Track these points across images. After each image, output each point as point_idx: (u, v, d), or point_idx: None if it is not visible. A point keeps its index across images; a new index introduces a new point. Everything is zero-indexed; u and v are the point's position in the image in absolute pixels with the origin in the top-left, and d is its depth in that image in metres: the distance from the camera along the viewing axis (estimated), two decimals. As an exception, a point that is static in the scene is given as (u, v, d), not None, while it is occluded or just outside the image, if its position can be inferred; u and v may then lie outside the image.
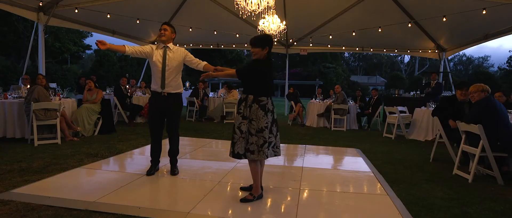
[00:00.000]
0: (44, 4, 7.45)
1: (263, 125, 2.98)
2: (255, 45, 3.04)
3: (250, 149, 2.99)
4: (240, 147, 2.99)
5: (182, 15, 9.95)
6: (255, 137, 2.98)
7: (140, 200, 2.99)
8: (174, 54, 3.71)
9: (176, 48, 3.76)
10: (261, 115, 2.97)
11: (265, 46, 3.02)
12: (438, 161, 5.07)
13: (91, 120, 6.55)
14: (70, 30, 27.68)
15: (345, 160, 5.36)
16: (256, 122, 2.97)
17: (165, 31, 3.70)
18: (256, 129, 2.97)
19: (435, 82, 8.63)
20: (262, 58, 3.04)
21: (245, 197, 3.11)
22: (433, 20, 8.55)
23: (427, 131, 7.28)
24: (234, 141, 3.05)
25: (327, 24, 10.32)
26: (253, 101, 2.98)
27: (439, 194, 3.45)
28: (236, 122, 3.04)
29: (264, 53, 3.03)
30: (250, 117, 2.98)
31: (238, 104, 3.11)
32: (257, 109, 2.97)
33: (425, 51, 11.71)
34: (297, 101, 9.88)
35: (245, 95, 3.03)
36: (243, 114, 3.01)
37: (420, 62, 40.81)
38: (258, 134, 2.97)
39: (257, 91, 3.00)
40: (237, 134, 3.02)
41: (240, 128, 3.00)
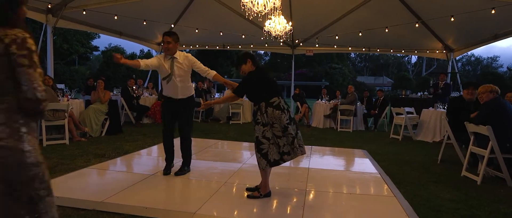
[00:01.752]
0: (52, 6, 7.54)
1: (285, 122, 2.99)
2: (238, 65, 3.26)
3: (284, 151, 3.01)
4: (274, 153, 2.99)
5: (189, 16, 9.99)
6: (285, 138, 2.99)
7: (146, 200, 3.01)
8: (181, 64, 3.73)
9: (183, 57, 3.76)
10: (278, 114, 2.99)
11: (246, 60, 3.20)
12: (446, 162, 5.01)
13: (98, 120, 6.61)
14: (78, 32, 28.00)
15: (351, 161, 5.33)
16: (278, 123, 2.98)
17: (168, 45, 3.66)
18: (281, 129, 2.98)
19: (443, 83, 8.54)
20: (253, 70, 3.20)
21: (252, 194, 3.17)
22: (441, 20, 8.45)
23: (434, 132, 7.20)
24: (264, 152, 3.00)
25: (333, 25, 10.27)
26: (266, 107, 3.01)
27: (447, 196, 3.42)
28: (258, 132, 3.03)
29: (249, 65, 3.20)
30: (270, 121, 3.00)
31: (254, 115, 3.12)
32: (273, 111, 2.99)
33: (432, 52, 11.59)
34: (303, 102, 9.85)
35: (257, 106, 3.09)
36: (262, 122, 3.02)
37: (427, 63, 40.41)
38: (285, 133, 2.98)
39: (266, 97, 3.05)
40: (265, 143, 3.00)
41: (265, 136, 3.00)
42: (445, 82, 8.68)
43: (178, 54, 3.75)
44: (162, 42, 3.75)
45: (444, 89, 8.42)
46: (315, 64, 37.13)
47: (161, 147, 4.09)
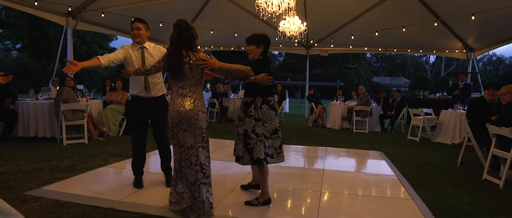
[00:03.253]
0: (72, 9, 7.78)
1: (276, 125, 2.95)
2: (250, 43, 3.01)
3: (268, 153, 2.90)
4: (259, 151, 2.85)
5: (204, 18, 10.09)
6: (271, 140, 2.92)
7: (162, 199, 3.05)
8: (152, 55, 3.32)
9: (154, 48, 3.36)
10: (272, 115, 2.93)
11: (260, 44, 2.99)
12: (466, 165, 4.87)
13: (116, 120, 6.75)
14: (97, 34, 28.74)
15: (367, 162, 5.25)
16: (269, 123, 2.91)
17: (138, 31, 3.26)
18: (270, 130, 2.91)
19: (463, 84, 8.30)
20: (261, 59, 3.00)
21: (250, 201, 3.02)
22: (461, 18, 8.22)
23: (454, 133, 7.00)
24: (249, 147, 2.88)
25: (348, 25, 10.15)
26: (262, 103, 2.91)
27: (468, 200, 3.32)
28: (249, 126, 2.89)
29: (259, 52, 3.00)
30: (263, 119, 2.90)
31: (246, 108, 2.96)
32: (268, 110, 2.92)
33: (452, 51, 11.29)
34: (318, 103, 9.78)
35: (252, 98, 2.93)
36: (255, 116, 2.89)
37: (446, 63, 39.38)
38: (273, 135, 2.92)
39: (265, 92, 2.93)
40: (254, 138, 2.87)
41: (255, 131, 2.87)
42: (465, 83, 8.43)
43: (148, 44, 3.35)
44: (130, 29, 3.29)
45: (464, 90, 8.17)
46: (330, 64, 36.79)
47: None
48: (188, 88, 2.67)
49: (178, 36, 2.63)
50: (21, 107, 5.94)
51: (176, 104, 2.65)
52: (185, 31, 2.63)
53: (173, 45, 2.67)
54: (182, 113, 2.62)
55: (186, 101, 2.64)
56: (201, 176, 2.64)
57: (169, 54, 2.69)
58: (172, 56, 2.65)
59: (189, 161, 2.65)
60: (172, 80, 2.72)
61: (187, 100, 2.65)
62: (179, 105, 2.64)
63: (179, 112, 2.63)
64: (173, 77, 2.69)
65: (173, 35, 2.67)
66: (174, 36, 2.65)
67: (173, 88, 2.72)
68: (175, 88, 2.70)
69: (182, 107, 2.63)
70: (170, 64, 2.67)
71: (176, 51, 2.64)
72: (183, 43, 2.63)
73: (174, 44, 2.65)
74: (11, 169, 3.92)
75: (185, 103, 2.64)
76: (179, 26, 2.66)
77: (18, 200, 2.91)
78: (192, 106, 2.64)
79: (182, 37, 2.63)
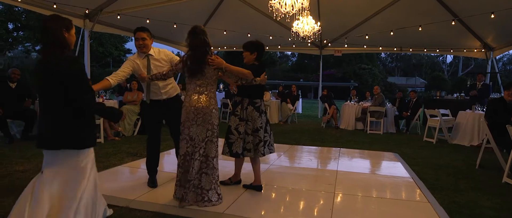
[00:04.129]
0: (89, 11, 7.96)
1: (258, 125, 3.23)
2: (245, 49, 3.31)
3: (247, 147, 3.23)
4: (238, 146, 3.21)
5: (217, 18, 10.16)
6: (251, 137, 3.23)
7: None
8: (158, 60, 3.36)
9: (158, 53, 3.39)
10: (256, 116, 3.23)
11: (254, 51, 3.27)
12: (485, 167, 4.73)
13: (131, 120, 6.87)
14: (112, 35, 29.28)
15: (382, 164, 5.17)
16: (252, 123, 3.22)
17: (144, 41, 3.27)
18: (252, 129, 3.22)
19: (481, 84, 8.07)
20: (256, 64, 3.27)
21: (225, 181, 3.55)
22: (480, 17, 8.00)
23: (472, 135, 6.82)
24: (231, 141, 3.24)
25: (363, 24, 10.02)
26: (248, 104, 3.23)
27: (487, 203, 3.22)
28: (233, 124, 3.24)
29: (252, 58, 3.28)
30: (246, 118, 3.21)
31: (234, 107, 3.35)
32: (253, 111, 3.22)
33: (470, 51, 10.99)
34: (331, 104, 9.69)
35: (241, 98, 3.27)
36: (240, 116, 3.23)
37: (464, 62, 38.37)
38: (254, 133, 3.23)
39: (253, 95, 3.24)
40: (235, 135, 3.22)
41: (238, 129, 3.21)
42: (483, 83, 8.21)
43: (152, 50, 3.36)
44: (135, 40, 3.30)
45: (482, 90, 7.96)
46: (344, 64, 36.38)
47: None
48: (205, 87, 2.94)
49: (204, 41, 2.91)
50: (40, 107, 6.11)
51: (193, 101, 2.90)
52: (206, 37, 2.93)
53: (199, 49, 2.90)
54: (199, 108, 2.88)
55: (202, 98, 2.91)
56: (204, 166, 2.89)
57: (196, 57, 2.90)
58: (200, 60, 2.89)
59: (197, 153, 2.87)
60: (190, 79, 2.96)
61: (204, 97, 2.91)
62: (196, 102, 2.89)
63: (196, 107, 2.88)
64: (193, 77, 2.93)
65: (198, 41, 2.89)
66: (199, 42, 2.90)
67: (190, 86, 2.97)
68: (193, 86, 2.95)
69: (199, 104, 2.88)
70: (195, 67, 2.90)
71: (204, 55, 2.90)
72: (208, 48, 2.93)
73: (200, 48, 2.90)
74: (31, 167, 4.04)
75: (202, 100, 2.90)
76: (203, 32, 2.92)
77: (38, 198, 2.98)
78: (208, 103, 2.91)
79: (207, 42, 2.92)
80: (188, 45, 2.95)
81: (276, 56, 42.91)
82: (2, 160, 4.30)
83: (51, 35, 2.10)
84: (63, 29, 2.14)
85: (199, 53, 2.90)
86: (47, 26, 2.12)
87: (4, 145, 5.34)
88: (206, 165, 2.90)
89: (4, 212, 2.64)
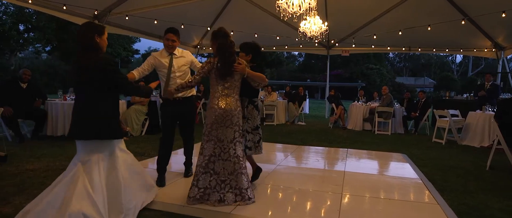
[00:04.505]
0: (98, 12, 8.04)
1: (258, 123, 3.38)
2: (241, 50, 3.39)
3: (248, 146, 3.34)
4: None
5: (224, 19, 10.17)
6: (251, 134, 3.34)
7: (183, 198, 3.10)
8: (180, 59, 3.56)
9: (181, 53, 3.60)
10: (256, 114, 3.36)
11: (249, 53, 3.37)
12: (496, 169, 4.65)
13: (139, 120, 6.93)
14: (121, 36, 29.57)
15: (390, 165, 5.12)
16: (251, 121, 3.34)
17: (173, 43, 3.50)
18: (252, 127, 3.34)
19: (490, 84, 7.97)
20: (255, 65, 3.34)
21: None
22: (490, 16, 7.87)
23: (482, 136, 6.72)
24: None
25: (371, 24, 9.94)
26: (248, 103, 3.34)
27: (497, 205, 3.17)
28: None
29: (247, 59, 3.35)
30: (247, 117, 3.33)
31: None
32: (252, 109, 3.36)
33: (480, 50, 10.82)
34: (339, 104, 9.64)
35: (240, 98, 3.26)
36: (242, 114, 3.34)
37: (474, 62, 37.81)
38: (254, 131, 3.33)
39: (252, 94, 3.35)
40: None
41: None
42: (492, 83, 8.09)
43: (176, 50, 3.56)
44: (165, 39, 3.52)
45: (491, 90, 7.86)
46: (351, 64, 36.16)
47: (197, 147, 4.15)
48: (232, 89, 3.02)
49: (231, 43, 2.99)
50: (50, 107, 6.21)
51: (221, 103, 2.96)
52: (230, 39, 3.00)
53: (228, 51, 2.96)
54: (227, 110, 2.95)
55: (230, 100, 2.99)
56: (238, 167, 2.97)
57: (227, 59, 2.95)
58: (230, 63, 2.96)
59: (227, 154, 2.95)
60: (217, 82, 2.99)
61: (231, 99, 2.99)
62: (225, 104, 2.96)
63: (225, 110, 2.95)
64: (222, 80, 2.97)
65: (226, 42, 2.96)
66: (227, 43, 2.97)
67: (217, 88, 3.01)
68: (220, 88, 2.99)
69: (227, 106, 2.96)
70: (226, 70, 2.95)
71: (232, 56, 2.97)
72: (234, 50, 3.00)
73: (229, 50, 2.97)
74: (41, 166, 4.10)
75: (230, 102, 2.98)
76: (228, 35, 2.98)
77: (48, 196, 3.03)
78: (235, 105, 3.01)
79: (233, 44, 3.00)
80: (217, 48, 2.98)
81: (283, 57, 42.85)
82: (13, 159, 4.38)
83: (86, 40, 2.46)
84: (96, 35, 2.50)
85: (229, 56, 2.95)
86: (82, 32, 2.49)
87: (15, 144, 5.43)
88: (239, 165, 2.97)
89: (14, 210, 2.69)
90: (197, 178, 2.95)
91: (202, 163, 2.96)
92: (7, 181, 3.45)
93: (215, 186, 2.94)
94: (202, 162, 2.95)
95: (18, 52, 29.55)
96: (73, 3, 7.26)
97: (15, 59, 28.85)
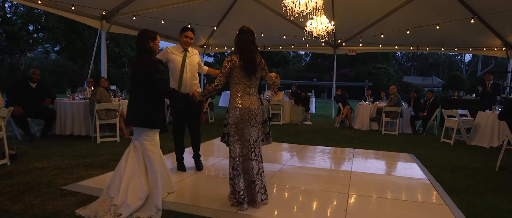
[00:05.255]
0: (106, 13, 8.12)
1: (266, 116, 3.45)
2: None
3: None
4: None
5: (231, 18, 10.19)
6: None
7: (190, 197, 3.12)
8: (193, 56, 3.94)
9: (191, 50, 3.98)
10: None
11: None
12: (506, 169, 4.58)
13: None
14: (128, 36, 29.71)
15: (397, 165, 5.08)
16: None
17: (191, 40, 3.88)
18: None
19: (491, 83, 7.96)
20: None
21: None
22: (501, 14, 7.75)
23: (492, 136, 6.62)
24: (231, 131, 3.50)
25: (378, 23, 9.86)
26: None
27: (508, 207, 3.12)
28: None
29: None
30: None
31: None
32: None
33: (490, 49, 10.66)
34: (345, 103, 9.59)
35: None
36: None
37: (483, 62, 37.26)
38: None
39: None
40: None
41: None
42: (493, 82, 8.11)
43: (190, 48, 3.95)
44: (183, 36, 3.87)
45: (493, 89, 7.85)
46: (358, 64, 35.91)
47: (205, 146, 4.22)
48: (254, 88, 3.01)
49: (253, 40, 2.96)
50: (59, 107, 6.28)
51: (246, 102, 2.93)
52: (254, 36, 2.97)
53: (250, 48, 2.92)
54: (252, 110, 2.93)
55: (253, 99, 2.97)
56: (262, 165, 3.01)
57: (249, 57, 2.92)
58: (253, 59, 2.93)
59: (253, 154, 2.93)
60: (240, 80, 2.93)
61: (254, 98, 2.98)
62: (249, 103, 2.94)
63: (249, 109, 2.92)
64: (246, 77, 2.92)
65: (248, 39, 2.93)
66: (249, 40, 2.94)
67: (239, 87, 2.95)
68: (242, 87, 2.94)
69: (252, 105, 2.94)
70: (252, 68, 2.92)
71: (254, 54, 2.94)
72: (257, 48, 2.98)
73: (252, 47, 2.93)
74: (50, 164, 4.16)
75: (254, 101, 2.96)
76: (252, 31, 2.96)
77: (56, 194, 3.07)
78: (258, 103, 3.00)
79: (256, 42, 2.98)
80: (242, 46, 2.94)
81: (290, 56, 42.75)
82: (22, 157, 4.44)
83: (141, 45, 2.92)
84: (149, 40, 2.91)
85: (254, 54, 2.95)
86: (138, 38, 2.94)
87: (24, 143, 5.51)
88: (262, 164, 3.01)
89: (24, 208, 2.73)
90: (234, 181, 2.92)
91: (233, 164, 2.92)
92: (17, 179, 3.50)
93: (247, 187, 2.94)
94: (234, 164, 2.92)
95: (27, 52, 29.96)
96: (82, 3, 7.34)
97: (24, 59, 29.25)
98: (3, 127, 4.19)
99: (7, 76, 23.93)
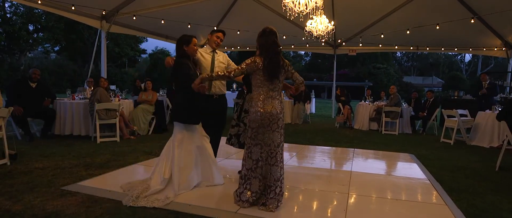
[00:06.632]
0: (106, 12, 8.12)
1: None
2: None
3: None
4: (245, 137, 3.31)
5: (231, 18, 10.19)
6: None
7: (190, 197, 3.11)
8: (220, 57, 3.91)
9: (220, 52, 3.97)
10: None
11: None
12: (506, 169, 4.58)
13: (146, 119, 6.97)
14: (128, 36, 29.80)
15: (397, 165, 5.08)
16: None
17: (221, 41, 3.90)
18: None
19: (487, 83, 7.99)
20: None
21: None
22: (501, 15, 7.75)
23: (492, 136, 6.62)
24: (239, 133, 3.60)
25: (378, 23, 9.86)
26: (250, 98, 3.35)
27: (508, 207, 3.12)
28: (240, 116, 3.59)
29: None
30: None
31: (244, 102, 3.64)
32: None
33: (490, 49, 10.66)
34: (346, 103, 9.58)
35: (248, 95, 3.44)
36: (245, 109, 3.52)
37: (483, 62, 37.24)
38: None
39: None
40: (242, 127, 3.59)
41: (244, 121, 3.53)
42: (490, 82, 8.16)
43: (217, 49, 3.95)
44: (214, 36, 3.86)
45: (490, 89, 7.87)
46: (358, 64, 35.90)
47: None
48: (277, 91, 2.91)
49: (278, 41, 2.90)
50: (59, 107, 6.28)
51: (267, 106, 2.84)
52: (278, 37, 2.91)
53: (276, 50, 2.86)
54: (274, 114, 2.85)
55: (276, 103, 2.88)
56: (283, 172, 2.93)
57: (273, 59, 2.83)
58: (277, 61, 2.85)
59: (274, 159, 2.87)
60: (262, 83, 2.86)
61: (276, 102, 2.88)
62: (271, 107, 2.85)
63: (271, 113, 2.84)
64: (269, 80, 2.84)
65: (274, 41, 2.86)
66: (275, 42, 2.88)
67: (261, 90, 2.87)
68: (265, 90, 2.86)
69: (274, 109, 2.85)
70: (277, 71, 2.84)
71: (278, 56, 2.87)
72: (281, 50, 2.92)
73: (275, 49, 2.86)
74: (50, 164, 4.16)
75: (276, 105, 2.88)
76: (275, 33, 2.89)
77: (57, 194, 3.07)
78: (280, 108, 2.91)
79: (279, 43, 2.92)
80: (268, 48, 2.85)
81: (290, 56, 42.75)
82: (22, 157, 4.44)
83: (178, 50, 3.34)
84: (183, 45, 3.29)
85: (280, 56, 2.88)
86: (176, 44, 3.36)
87: (24, 143, 5.51)
88: (283, 171, 2.93)
89: (24, 208, 2.73)
90: (249, 181, 2.88)
91: (251, 166, 2.89)
92: (17, 179, 3.50)
93: (263, 191, 2.90)
94: (251, 166, 2.89)
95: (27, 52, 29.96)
96: (82, 3, 7.34)
97: (24, 59, 29.26)
98: (3, 126, 4.18)
99: (7, 76, 23.94)
